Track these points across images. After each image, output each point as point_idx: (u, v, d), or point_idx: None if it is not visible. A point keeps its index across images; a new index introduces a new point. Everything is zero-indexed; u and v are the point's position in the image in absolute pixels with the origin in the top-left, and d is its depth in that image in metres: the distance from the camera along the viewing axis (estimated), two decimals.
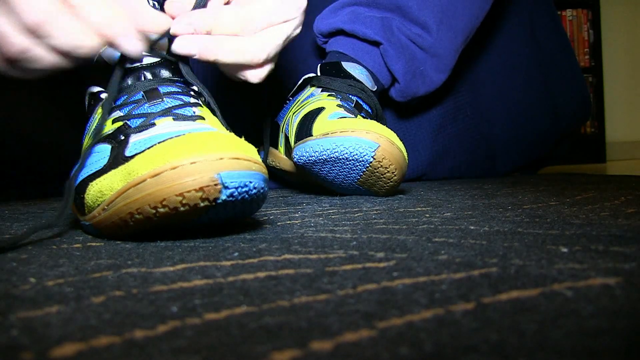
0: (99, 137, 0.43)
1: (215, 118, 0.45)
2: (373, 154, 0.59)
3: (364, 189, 0.64)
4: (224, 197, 0.35)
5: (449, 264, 0.28)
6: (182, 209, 0.35)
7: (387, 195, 0.64)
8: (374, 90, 0.77)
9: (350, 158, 0.59)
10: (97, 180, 0.39)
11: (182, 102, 0.44)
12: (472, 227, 0.39)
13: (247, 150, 0.37)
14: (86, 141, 0.46)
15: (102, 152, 0.41)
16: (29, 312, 0.21)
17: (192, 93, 0.46)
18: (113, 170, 0.38)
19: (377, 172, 0.60)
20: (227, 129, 0.44)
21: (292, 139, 0.70)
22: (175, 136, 0.37)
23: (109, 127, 0.43)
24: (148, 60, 0.47)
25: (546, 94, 1.03)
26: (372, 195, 0.65)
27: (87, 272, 0.28)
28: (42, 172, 0.87)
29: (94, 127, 0.46)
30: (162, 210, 0.35)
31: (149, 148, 0.37)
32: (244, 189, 0.36)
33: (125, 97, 0.45)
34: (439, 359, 0.16)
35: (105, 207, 0.38)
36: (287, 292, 0.23)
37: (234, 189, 0.35)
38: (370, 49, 0.79)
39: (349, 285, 0.24)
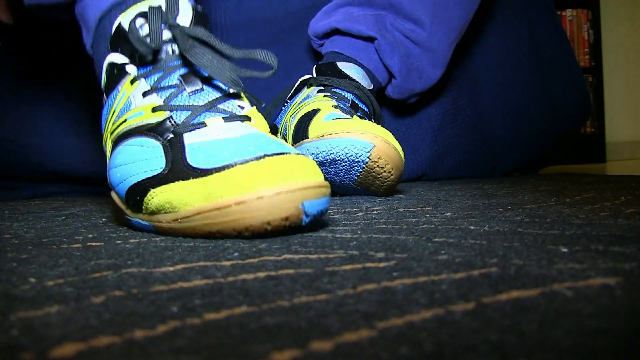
0: (140, 129, 0.42)
1: (259, 114, 0.45)
2: (368, 154, 0.59)
3: (362, 189, 0.64)
4: (304, 222, 0.37)
5: (449, 264, 0.28)
6: (265, 232, 0.36)
7: (387, 195, 0.64)
8: (370, 89, 0.77)
9: (346, 159, 0.59)
10: (161, 188, 0.39)
11: (221, 94, 0.44)
12: (472, 227, 0.39)
13: (319, 174, 0.39)
14: (113, 121, 0.45)
15: (153, 150, 0.41)
16: (29, 312, 0.21)
17: None
18: (182, 182, 0.38)
19: (374, 172, 0.60)
20: (264, 116, 0.45)
21: (289, 142, 0.70)
22: (254, 159, 0.37)
23: (149, 116, 0.42)
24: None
25: (546, 94, 1.03)
26: (370, 194, 0.65)
27: (87, 272, 0.28)
28: (42, 173, 0.87)
29: (122, 105, 0.45)
30: (245, 233, 0.36)
31: (225, 167, 0.37)
32: (320, 214, 0.38)
33: (157, 75, 0.44)
34: (439, 359, 0.16)
35: (179, 220, 0.38)
36: (287, 292, 0.23)
37: (312, 216, 0.38)
38: (365, 46, 0.79)
39: (349, 285, 0.24)
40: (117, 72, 0.46)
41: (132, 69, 0.45)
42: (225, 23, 0.88)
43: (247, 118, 0.43)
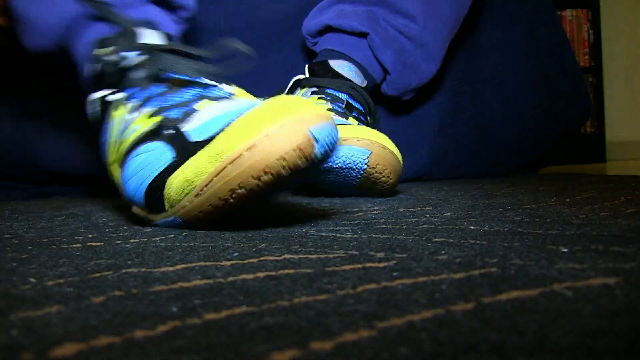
0: (142, 138, 0.43)
1: (245, 92, 0.46)
2: (366, 161, 0.59)
3: (361, 193, 0.64)
4: (317, 151, 0.37)
5: (449, 264, 0.28)
6: (284, 172, 0.36)
7: (387, 196, 0.64)
8: (364, 86, 0.76)
9: (344, 167, 0.59)
10: (176, 172, 0.39)
11: (206, 86, 0.45)
12: (472, 227, 0.39)
13: (318, 107, 0.38)
14: (116, 148, 0.46)
15: (158, 150, 0.41)
16: (29, 312, 0.21)
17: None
18: (192, 158, 0.39)
19: (373, 177, 0.60)
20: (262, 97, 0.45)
21: None
22: (247, 110, 0.38)
23: (147, 124, 0.43)
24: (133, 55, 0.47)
25: (546, 94, 1.03)
26: (371, 197, 0.65)
27: (87, 272, 0.28)
28: (42, 173, 0.87)
29: (119, 130, 0.45)
30: (265, 178, 0.36)
31: (225, 127, 0.37)
32: (330, 140, 0.38)
33: (144, 94, 0.45)
34: (439, 359, 0.16)
35: (200, 192, 0.38)
36: (287, 292, 0.23)
37: (324, 143, 0.37)
38: (358, 42, 0.79)
39: (349, 285, 0.24)
40: (104, 105, 0.48)
41: (116, 96, 0.46)
42: (225, 26, 0.88)
43: (233, 94, 0.44)
